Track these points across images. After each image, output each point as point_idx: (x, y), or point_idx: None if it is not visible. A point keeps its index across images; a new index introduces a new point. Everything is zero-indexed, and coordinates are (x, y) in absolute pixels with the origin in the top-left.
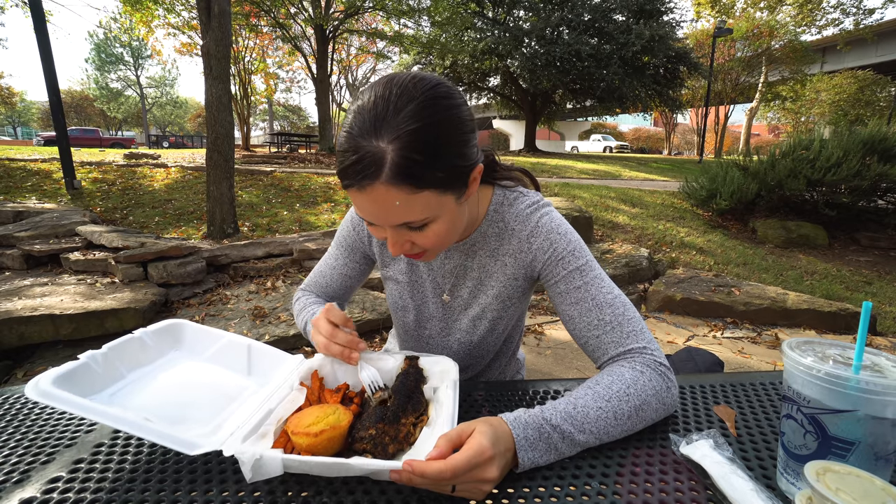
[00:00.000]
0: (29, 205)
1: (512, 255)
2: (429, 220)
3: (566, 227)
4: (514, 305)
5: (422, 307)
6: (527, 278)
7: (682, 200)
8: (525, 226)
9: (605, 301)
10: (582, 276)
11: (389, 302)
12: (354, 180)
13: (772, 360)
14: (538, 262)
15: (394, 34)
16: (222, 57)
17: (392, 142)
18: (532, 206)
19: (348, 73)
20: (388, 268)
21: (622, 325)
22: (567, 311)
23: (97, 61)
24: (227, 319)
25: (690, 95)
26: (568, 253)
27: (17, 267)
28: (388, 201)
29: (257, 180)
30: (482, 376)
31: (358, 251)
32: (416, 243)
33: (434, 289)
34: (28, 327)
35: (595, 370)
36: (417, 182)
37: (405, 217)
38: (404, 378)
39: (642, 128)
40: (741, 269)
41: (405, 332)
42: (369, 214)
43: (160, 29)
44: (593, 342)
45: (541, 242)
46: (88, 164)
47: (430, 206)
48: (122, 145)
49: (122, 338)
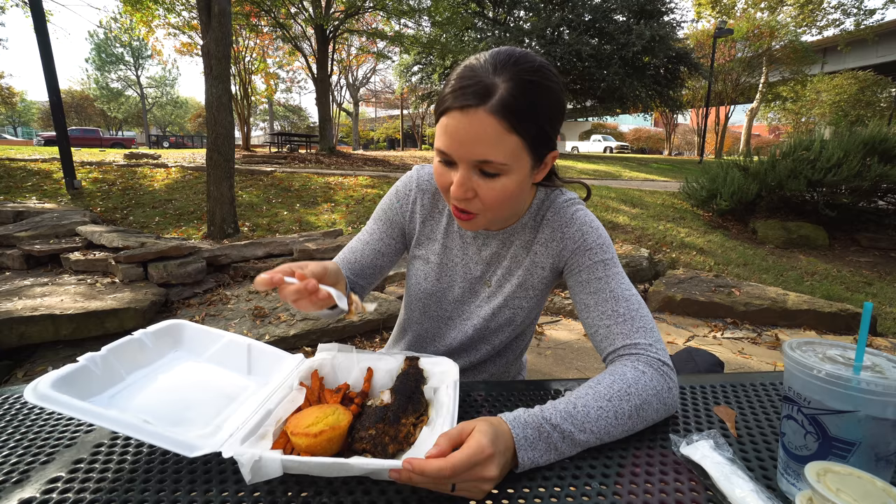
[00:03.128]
0: (29, 205)
1: (544, 243)
2: (503, 171)
3: (598, 224)
4: (535, 297)
5: (447, 290)
6: (553, 269)
7: (682, 201)
8: (560, 217)
9: (622, 295)
10: (605, 269)
11: (412, 282)
12: (461, 101)
13: (772, 360)
14: (567, 250)
15: (394, 34)
16: (222, 57)
17: (506, 80)
18: (569, 202)
19: (348, 73)
20: (422, 247)
21: (633, 319)
22: (584, 299)
23: (97, 61)
24: (228, 319)
25: (691, 96)
26: (597, 245)
27: (18, 267)
28: (483, 129)
29: (257, 180)
30: (485, 369)
31: (397, 226)
32: (479, 195)
33: (464, 274)
34: (28, 327)
35: (595, 371)
36: (514, 123)
37: (489, 153)
38: (404, 378)
39: (643, 128)
40: (741, 270)
41: (422, 314)
42: (458, 141)
43: (160, 29)
44: (603, 331)
45: (573, 232)
46: (89, 164)
47: (513, 154)
48: (122, 145)
49: (121, 339)
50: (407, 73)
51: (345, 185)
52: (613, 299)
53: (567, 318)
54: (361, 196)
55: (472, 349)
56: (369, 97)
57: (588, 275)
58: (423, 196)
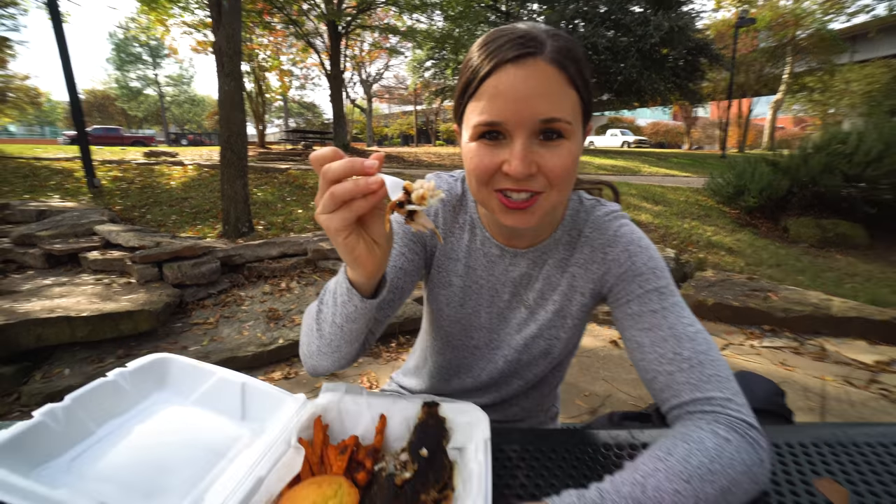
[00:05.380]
0: (51, 204)
1: (582, 265)
2: (567, 133)
3: (647, 242)
4: (574, 326)
5: (472, 317)
6: (594, 294)
7: (707, 197)
8: (601, 234)
9: (685, 333)
10: (661, 300)
11: (433, 307)
12: (515, 51)
13: (819, 374)
14: (611, 275)
15: (406, 29)
16: (234, 53)
17: (552, 37)
18: (611, 215)
19: (361, 69)
20: (443, 268)
21: (703, 364)
22: (636, 337)
23: (117, 61)
24: (242, 321)
25: (711, 88)
26: (648, 269)
27: (39, 266)
28: (547, 81)
29: (272, 178)
30: (517, 402)
31: (418, 239)
32: (542, 167)
33: (491, 298)
34: (45, 329)
35: (625, 383)
36: (572, 75)
37: (554, 109)
38: (422, 432)
39: (661, 122)
40: (774, 271)
41: (445, 343)
42: (516, 100)
43: (176, 27)
44: (663, 379)
45: (617, 254)
46: (109, 162)
47: (574, 111)
48: (142, 143)
49: (93, 383)
50: (420, 69)
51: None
52: (674, 338)
53: (591, 323)
54: None
55: (503, 383)
56: (382, 93)
57: (639, 307)
58: (443, 208)
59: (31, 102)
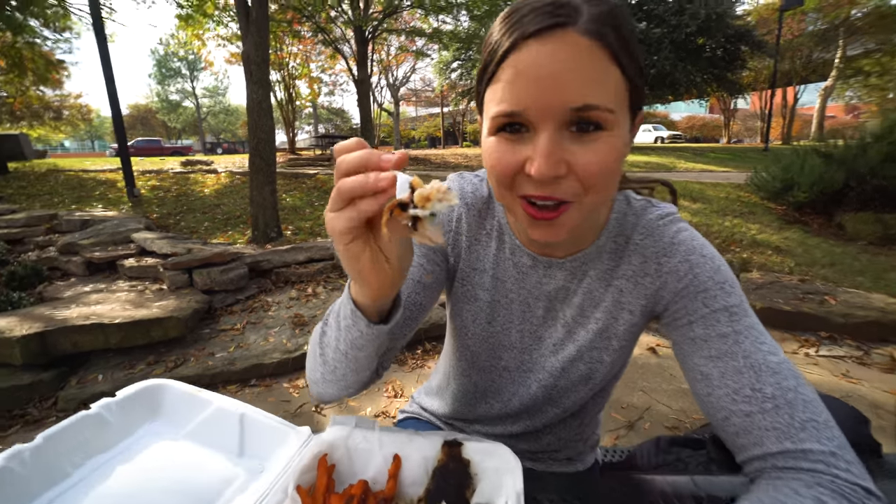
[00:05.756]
0: (95, 213)
1: (631, 278)
2: (607, 123)
3: (712, 251)
4: (621, 348)
5: (501, 335)
6: (645, 312)
7: (750, 193)
8: (655, 241)
9: (766, 364)
10: (732, 322)
11: (457, 324)
12: (539, 23)
13: (890, 387)
14: (668, 290)
15: (432, 31)
16: (261, 61)
17: (588, 1)
18: (666, 218)
19: (388, 73)
20: (468, 280)
21: (792, 406)
22: (701, 366)
23: (158, 76)
24: (268, 327)
25: (752, 77)
26: (715, 284)
27: (81, 273)
28: (580, 57)
29: (301, 183)
30: (552, 432)
31: (440, 250)
32: (573, 167)
33: (522, 314)
34: (81, 336)
35: (664, 394)
36: (614, 48)
37: (590, 93)
38: (442, 479)
39: (696, 115)
40: (829, 272)
41: (470, 365)
42: (540, 83)
43: (211, 41)
44: (739, 421)
45: (676, 264)
46: (148, 172)
47: (617, 95)
48: (181, 153)
49: (72, 417)
50: (446, 70)
51: None
52: (752, 370)
53: None
54: None
55: (536, 411)
56: (409, 96)
57: (704, 329)
58: (467, 213)
59: (83, 119)
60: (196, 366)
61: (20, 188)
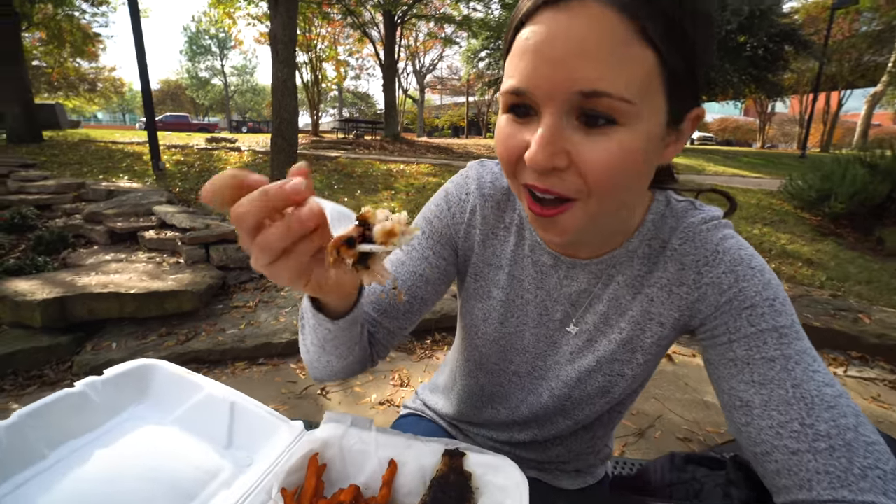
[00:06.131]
0: (120, 184)
1: (665, 286)
2: (622, 116)
3: (762, 262)
4: (646, 363)
5: (514, 337)
6: (677, 326)
7: (782, 201)
8: (697, 248)
9: (821, 397)
10: (781, 345)
11: (466, 322)
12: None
13: None
14: (707, 303)
15: (462, 18)
16: (288, 41)
17: None
18: (710, 223)
19: (415, 59)
20: (481, 276)
21: (851, 448)
22: (741, 392)
23: (189, 52)
24: (280, 307)
25: (794, 80)
26: (763, 301)
27: (103, 242)
28: (596, 32)
29: (322, 165)
30: (562, 443)
31: (447, 241)
32: (576, 160)
33: (539, 317)
34: (97, 303)
35: (678, 403)
36: (646, 23)
37: (601, 77)
38: (440, 490)
39: (730, 117)
40: (864, 288)
41: (478, 366)
42: (549, 57)
43: (241, 20)
44: (784, 459)
45: (719, 275)
46: (174, 147)
47: (643, 84)
48: (207, 130)
49: (53, 395)
50: (474, 59)
51: (406, 172)
52: (802, 402)
53: None
54: (422, 184)
55: (546, 421)
56: (435, 84)
57: (748, 351)
58: (484, 204)
59: (116, 92)
60: (207, 340)
61: (53, 156)
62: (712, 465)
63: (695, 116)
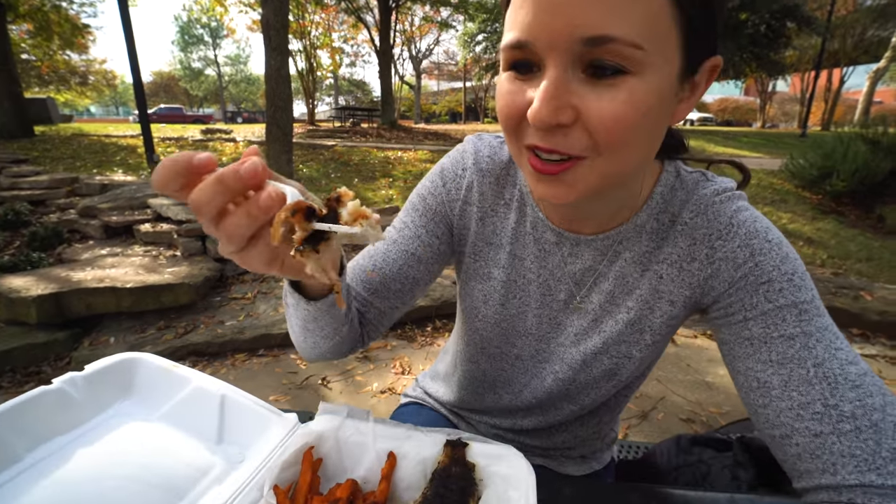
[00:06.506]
0: (114, 178)
1: (675, 263)
2: (633, 65)
3: (778, 235)
4: (654, 343)
5: (516, 320)
6: (688, 304)
7: (783, 180)
8: (709, 221)
9: (845, 376)
10: (801, 321)
11: (466, 305)
12: None
13: None
14: (720, 279)
15: (458, 1)
16: (281, 27)
17: None
18: (723, 195)
19: (411, 44)
20: (480, 256)
21: (880, 430)
22: (758, 372)
23: (181, 43)
24: (279, 298)
25: (796, 57)
26: (781, 276)
27: (98, 236)
28: None
29: (318, 154)
30: (567, 429)
31: (441, 219)
32: (583, 116)
33: (542, 297)
34: (94, 298)
35: (680, 384)
36: None
37: (607, 21)
38: (442, 483)
39: (729, 97)
40: (865, 266)
41: (479, 350)
42: (551, 6)
43: (233, 7)
44: (805, 442)
45: (734, 249)
46: (169, 139)
47: (655, 30)
48: (202, 121)
49: (29, 393)
50: (471, 43)
51: (403, 159)
52: (825, 381)
53: None
54: (420, 171)
55: (550, 406)
56: (432, 69)
57: (764, 328)
58: (481, 180)
59: (108, 84)
60: (205, 333)
61: (45, 151)
62: (719, 446)
63: (711, 66)
